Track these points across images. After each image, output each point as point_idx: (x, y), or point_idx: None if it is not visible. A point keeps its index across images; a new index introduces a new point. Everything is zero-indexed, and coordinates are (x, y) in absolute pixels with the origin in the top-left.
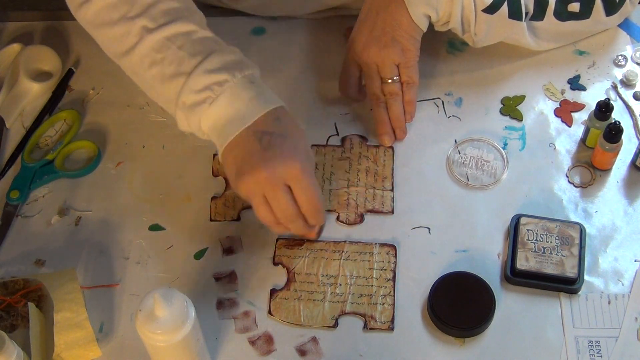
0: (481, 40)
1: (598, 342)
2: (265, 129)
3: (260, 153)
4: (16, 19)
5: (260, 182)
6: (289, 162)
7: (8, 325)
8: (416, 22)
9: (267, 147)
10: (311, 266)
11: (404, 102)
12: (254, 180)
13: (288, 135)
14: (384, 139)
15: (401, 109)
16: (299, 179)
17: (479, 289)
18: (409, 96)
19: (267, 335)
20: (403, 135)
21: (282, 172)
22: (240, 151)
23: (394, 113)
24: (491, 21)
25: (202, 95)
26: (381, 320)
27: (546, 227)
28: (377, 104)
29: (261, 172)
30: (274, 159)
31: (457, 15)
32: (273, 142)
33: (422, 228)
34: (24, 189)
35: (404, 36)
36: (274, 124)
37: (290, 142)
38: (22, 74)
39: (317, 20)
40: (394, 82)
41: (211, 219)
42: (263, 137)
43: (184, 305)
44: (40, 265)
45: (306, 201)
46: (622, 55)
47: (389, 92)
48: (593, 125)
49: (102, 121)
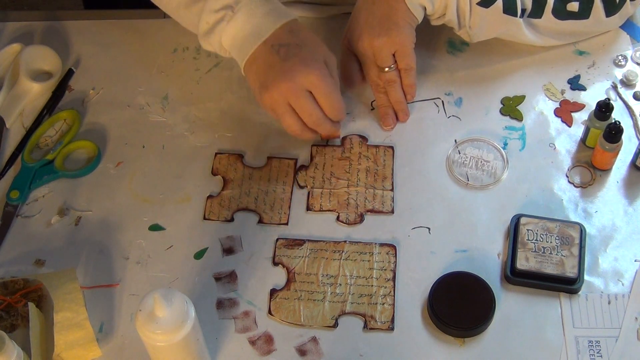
0: (476, 34)
1: (598, 342)
2: (281, 42)
3: (280, 64)
4: (16, 19)
5: (283, 92)
6: (307, 70)
7: (8, 325)
8: (412, 11)
9: (285, 57)
10: (311, 266)
11: (403, 86)
12: (277, 91)
13: (304, 44)
14: (387, 121)
15: (401, 93)
16: (319, 85)
17: (479, 289)
18: (407, 81)
19: (267, 335)
20: (405, 117)
21: (302, 80)
22: (260, 65)
23: (394, 97)
24: (486, 15)
25: (220, 14)
26: (381, 320)
27: (546, 227)
28: (377, 90)
29: (282, 82)
30: (293, 69)
31: (453, 7)
32: (290, 52)
33: (422, 228)
34: (24, 189)
35: (400, 24)
36: (289, 35)
37: (306, 50)
38: (22, 74)
39: (317, 20)
40: (390, 70)
41: (205, 218)
42: (280, 49)
43: (184, 305)
44: (40, 265)
45: (329, 105)
46: (622, 55)
47: (387, 81)
48: (593, 125)
49: (102, 121)
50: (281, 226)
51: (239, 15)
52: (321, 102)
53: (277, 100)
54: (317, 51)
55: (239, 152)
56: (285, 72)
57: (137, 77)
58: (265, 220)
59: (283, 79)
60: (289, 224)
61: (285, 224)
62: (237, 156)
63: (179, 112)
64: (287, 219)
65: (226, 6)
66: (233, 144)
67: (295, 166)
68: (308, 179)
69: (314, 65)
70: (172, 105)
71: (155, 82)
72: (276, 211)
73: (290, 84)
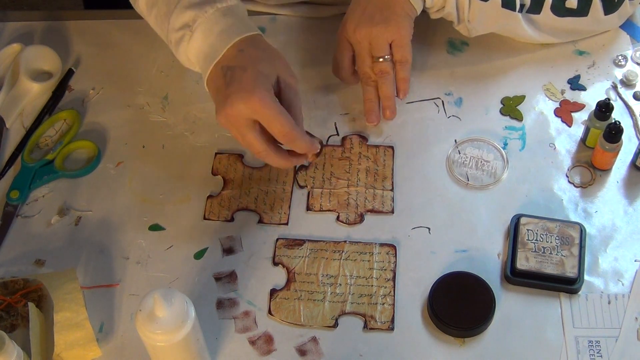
0: (475, 28)
1: (598, 342)
2: (229, 63)
3: (224, 89)
4: (16, 19)
5: (226, 120)
6: (247, 95)
7: (8, 325)
8: (412, 3)
9: (229, 82)
10: (311, 266)
11: (397, 79)
12: (223, 117)
13: (250, 66)
14: (371, 117)
15: (392, 88)
16: (260, 112)
17: (479, 289)
18: (402, 74)
19: (267, 335)
20: (392, 116)
21: (242, 107)
22: (213, 88)
23: (384, 92)
24: (484, 8)
25: (180, 33)
26: (381, 320)
27: (546, 227)
28: (366, 83)
29: (224, 109)
30: (232, 96)
31: (452, 0)
32: (235, 76)
33: (422, 228)
34: (24, 189)
35: (399, 13)
36: (237, 56)
37: (250, 73)
38: (22, 74)
39: (317, 20)
40: (385, 61)
41: (205, 218)
42: (227, 72)
43: (184, 305)
44: (40, 265)
45: (277, 132)
46: (622, 55)
47: (380, 71)
48: (593, 125)
49: (102, 121)
50: (281, 226)
51: (196, 34)
52: (268, 129)
53: (225, 125)
54: (264, 72)
55: (239, 152)
56: (226, 99)
57: (137, 77)
58: (265, 220)
59: (224, 105)
60: (289, 224)
61: (285, 224)
62: (237, 156)
63: (179, 112)
64: (287, 219)
65: (184, 25)
66: (233, 144)
67: (295, 166)
68: (308, 179)
69: (254, 91)
70: (172, 105)
71: (155, 82)
72: (276, 211)
73: (230, 111)
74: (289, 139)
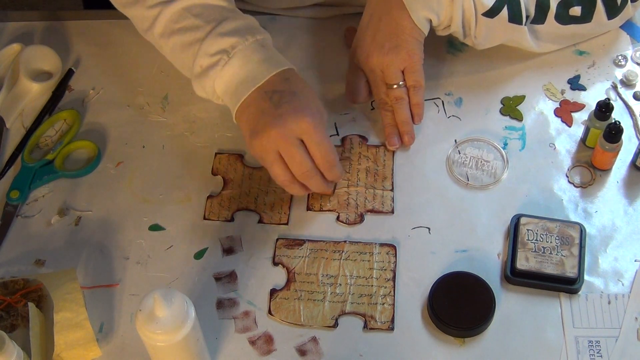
0: (482, 43)
1: (598, 342)
2: (275, 88)
3: (272, 110)
4: (16, 19)
5: (273, 139)
6: (300, 116)
7: (8, 325)
8: (419, 26)
9: (277, 104)
10: (311, 266)
11: (411, 105)
12: (267, 138)
13: (298, 92)
14: (392, 140)
15: (407, 113)
16: (311, 133)
17: (479, 289)
18: (416, 99)
19: (267, 335)
20: (411, 141)
21: (294, 126)
22: (253, 111)
23: (400, 117)
24: (491, 25)
25: (215, 58)
26: (381, 320)
27: (546, 227)
28: (384, 108)
29: (273, 128)
30: (285, 115)
31: (458, 19)
32: (284, 99)
33: (422, 228)
34: (24, 189)
35: (408, 40)
36: (283, 83)
37: (300, 98)
38: (22, 74)
39: (317, 20)
40: (399, 87)
41: (205, 218)
42: (273, 96)
43: (184, 305)
44: (40, 265)
45: (320, 156)
46: (622, 55)
47: (395, 97)
48: (593, 125)
49: (102, 121)
50: (281, 226)
51: (234, 60)
52: (312, 151)
53: (266, 147)
54: (311, 100)
55: (239, 152)
56: (276, 118)
57: (137, 77)
58: (265, 220)
59: (274, 125)
60: (289, 224)
61: (285, 224)
62: (237, 156)
63: (179, 112)
64: (287, 219)
65: (222, 50)
66: (233, 144)
67: None
68: None
69: (306, 112)
70: (172, 105)
71: (155, 82)
72: (276, 211)
73: (281, 130)
74: (330, 164)
